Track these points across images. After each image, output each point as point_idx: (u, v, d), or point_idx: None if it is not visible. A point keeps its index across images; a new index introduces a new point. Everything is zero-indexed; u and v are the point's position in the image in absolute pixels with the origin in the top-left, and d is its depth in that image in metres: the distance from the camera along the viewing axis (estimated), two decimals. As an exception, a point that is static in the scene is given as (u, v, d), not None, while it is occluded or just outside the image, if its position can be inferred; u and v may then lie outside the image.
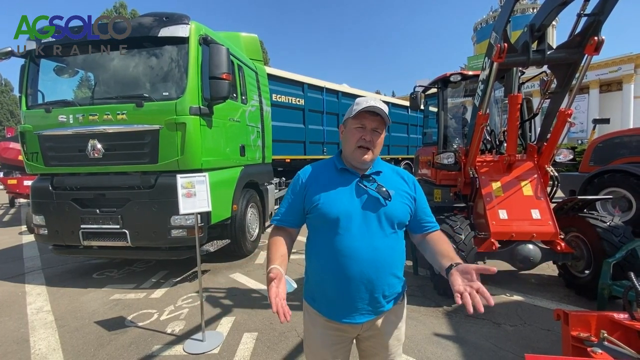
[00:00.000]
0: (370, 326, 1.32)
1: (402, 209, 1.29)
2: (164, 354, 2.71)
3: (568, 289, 3.62)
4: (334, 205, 1.25)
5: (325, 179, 1.32)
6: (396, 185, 1.32)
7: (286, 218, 1.35)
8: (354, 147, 1.27)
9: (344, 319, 1.28)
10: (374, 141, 1.26)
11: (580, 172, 6.84)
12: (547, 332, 2.81)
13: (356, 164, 1.30)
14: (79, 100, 4.23)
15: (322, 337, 1.34)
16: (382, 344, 1.36)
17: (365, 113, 1.24)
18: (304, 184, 1.34)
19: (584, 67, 3.09)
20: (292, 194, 1.36)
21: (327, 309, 1.31)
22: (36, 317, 3.46)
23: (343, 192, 1.27)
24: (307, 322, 1.41)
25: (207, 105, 4.03)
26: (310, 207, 1.29)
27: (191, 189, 2.81)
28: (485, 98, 3.39)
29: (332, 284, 1.27)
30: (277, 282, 1.11)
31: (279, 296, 1.07)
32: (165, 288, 4.09)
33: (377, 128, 1.27)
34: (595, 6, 2.81)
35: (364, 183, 1.28)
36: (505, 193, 3.62)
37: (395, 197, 1.27)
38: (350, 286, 1.24)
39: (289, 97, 7.50)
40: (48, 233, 4.23)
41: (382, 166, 1.38)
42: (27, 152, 4.23)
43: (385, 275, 1.27)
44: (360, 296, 1.25)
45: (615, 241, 3.09)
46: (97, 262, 5.21)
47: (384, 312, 1.31)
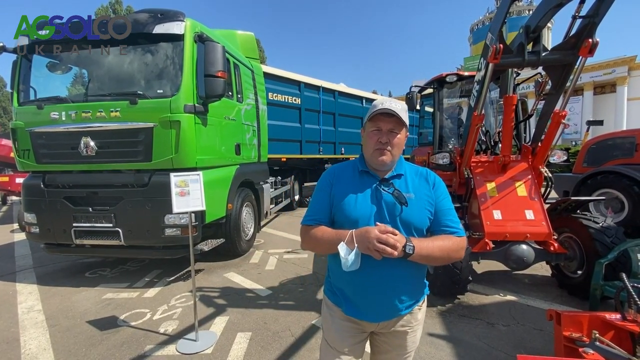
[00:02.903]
0: (386, 325, 1.33)
1: (420, 214, 1.26)
2: (156, 354, 2.68)
3: (561, 289, 3.65)
4: (353, 209, 1.25)
5: (347, 181, 1.33)
6: (417, 189, 1.30)
7: (318, 216, 1.32)
8: (372, 150, 1.27)
9: (360, 316, 1.30)
10: (391, 142, 1.25)
11: (574, 173, 6.91)
12: (540, 332, 2.82)
13: (376, 166, 1.29)
14: (72, 97, 4.18)
15: (340, 328, 1.35)
16: (395, 343, 1.37)
17: (380, 115, 1.24)
18: (330, 182, 1.34)
19: (578, 69, 3.10)
20: (321, 192, 1.35)
21: (345, 306, 1.32)
22: (27, 316, 3.41)
23: (362, 196, 1.27)
24: (326, 315, 1.41)
25: (202, 103, 3.99)
26: (334, 206, 1.30)
27: (185, 188, 2.78)
28: (481, 99, 3.40)
29: (350, 286, 1.30)
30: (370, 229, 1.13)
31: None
32: (159, 287, 4.05)
33: (393, 129, 1.25)
34: (590, 8, 2.82)
35: (383, 187, 1.27)
36: (500, 193, 3.64)
37: (414, 202, 1.25)
38: (367, 291, 1.26)
39: (286, 96, 7.49)
40: (40, 231, 4.17)
41: (405, 168, 1.35)
42: (18, 149, 4.17)
43: (404, 282, 1.26)
44: (377, 301, 1.26)
45: (607, 242, 3.12)
46: (90, 260, 5.15)
47: (401, 316, 1.31)
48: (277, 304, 3.53)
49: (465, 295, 3.54)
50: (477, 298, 3.53)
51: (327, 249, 1.25)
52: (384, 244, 1.08)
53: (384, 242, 1.08)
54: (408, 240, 1.13)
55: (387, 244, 1.08)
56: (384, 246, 1.07)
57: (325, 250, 1.28)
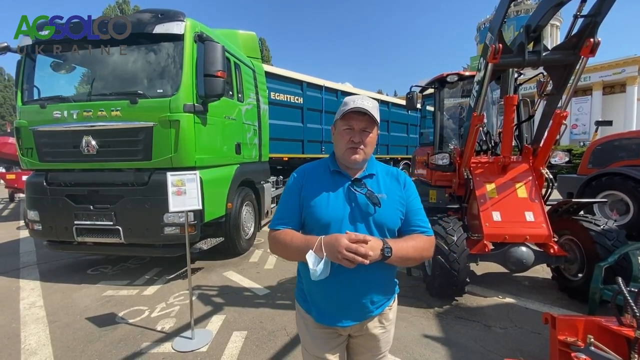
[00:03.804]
0: (359, 327, 1.32)
1: (392, 214, 1.24)
2: (152, 351, 2.71)
3: (561, 292, 3.60)
4: (326, 211, 1.22)
5: (318, 181, 1.29)
6: (389, 189, 1.28)
7: (286, 220, 1.28)
8: (344, 149, 1.24)
9: (331, 323, 1.28)
10: (364, 141, 1.22)
11: (579, 175, 6.81)
12: (537, 336, 2.79)
13: (348, 164, 1.27)
14: (74, 97, 4.22)
15: (314, 336, 1.33)
16: (369, 345, 1.36)
17: (352, 113, 1.20)
18: (300, 184, 1.30)
19: (580, 69, 3.05)
20: (290, 194, 1.31)
21: (316, 312, 1.30)
22: (28, 312, 3.47)
23: (334, 196, 1.24)
24: (300, 322, 1.40)
25: (202, 102, 4.02)
26: (304, 209, 1.27)
27: (181, 187, 2.80)
28: (480, 99, 3.37)
29: (321, 292, 1.27)
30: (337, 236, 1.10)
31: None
32: (158, 285, 4.09)
33: (366, 128, 1.22)
34: (592, 7, 2.77)
35: (355, 187, 1.24)
36: (500, 195, 3.60)
37: (386, 203, 1.23)
38: (337, 293, 1.23)
39: (288, 96, 7.48)
40: (42, 229, 4.24)
41: (376, 167, 1.33)
42: (22, 148, 4.24)
43: (375, 282, 1.24)
44: (348, 303, 1.24)
45: (608, 245, 3.07)
46: (92, 258, 5.22)
47: (373, 317, 1.30)
48: (274, 303, 3.54)
49: (462, 297, 3.51)
50: (475, 300, 3.50)
51: (295, 255, 1.21)
52: (353, 253, 1.04)
53: (353, 252, 1.04)
54: (385, 243, 1.12)
55: (358, 254, 1.04)
56: (354, 255, 1.04)
57: (294, 257, 1.23)
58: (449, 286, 3.28)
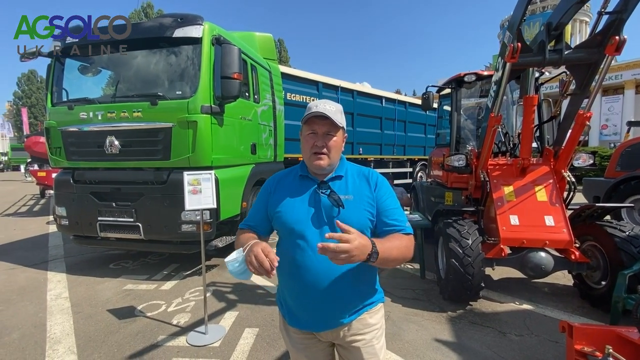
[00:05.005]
0: (336, 336, 1.28)
1: (359, 215, 1.22)
2: (167, 345, 2.81)
3: (583, 300, 3.46)
4: (291, 214, 1.24)
5: (287, 187, 1.32)
6: (357, 190, 1.26)
7: (251, 222, 1.37)
8: (309, 154, 1.25)
9: (302, 327, 1.28)
10: (328, 145, 1.23)
11: (606, 178, 6.51)
12: (554, 344, 2.70)
13: (314, 169, 1.28)
14: (99, 98, 4.42)
15: (293, 341, 1.34)
16: (351, 357, 1.31)
17: (314, 118, 1.22)
18: (269, 190, 1.35)
19: (605, 67, 2.93)
20: (259, 199, 1.38)
21: (288, 315, 1.32)
22: (55, 302, 3.66)
23: (300, 200, 1.26)
24: (281, 326, 1.41)
25: (219, 104, 4.11)
26: (272, 215, 1.30)
27: (197, 186, 2.88)
28: (498, 99, 3.29)
29: (290, 292, 1.30)
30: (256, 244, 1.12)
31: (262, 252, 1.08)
32: (175, 280, 4.22)
33: (329, 132, 1.23)
34: (617, 4, 2.66)
35: (321, 190, 1.25)
36: (518, 198, 3.50)
37: (352, 204, 1.22)
38: (304, 296, 1.24)
39: (304, 96, 7.52)
40: (69, 224, 4.46)
41: (346, 169, 1.32)
42: (51, 147, 4.48)
43: (343, 287, 1.21)
44: (315, 307, 1.23)
45: (633, 252, 2.92)
46: (115, 252, 5.44)
47: (345, 324, 1.26)
48: (286, 302, 3.58)
49: (477, 301, 3.44)
50: (490, 305, 3.41)
51: None
52: (260, 263, 1.04)
53: (259, 262, 1.05)
54: (374, 246, 1.06)
55: (262, 265, 1.04)
56: (257, 264, 1.05)
57: None
58: (462, 290, 3.22)
